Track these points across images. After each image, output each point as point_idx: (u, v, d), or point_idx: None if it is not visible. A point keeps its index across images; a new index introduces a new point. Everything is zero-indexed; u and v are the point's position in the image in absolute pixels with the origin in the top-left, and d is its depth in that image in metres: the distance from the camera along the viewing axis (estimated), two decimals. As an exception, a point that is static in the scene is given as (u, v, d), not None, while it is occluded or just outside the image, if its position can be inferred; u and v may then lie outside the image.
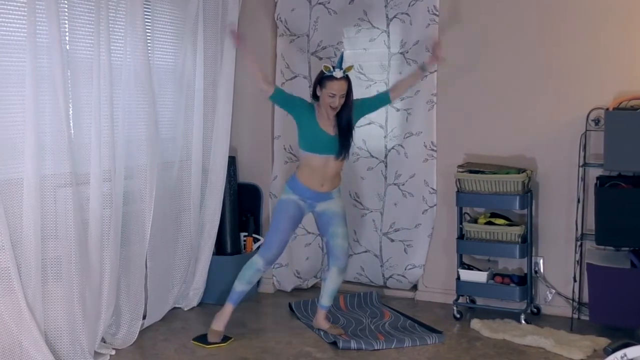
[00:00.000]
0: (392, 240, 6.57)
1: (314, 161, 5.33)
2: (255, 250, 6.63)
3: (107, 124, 5.07)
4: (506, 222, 5.92)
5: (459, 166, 6.00)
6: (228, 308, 5.51)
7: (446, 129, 6.29)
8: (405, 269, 6.54)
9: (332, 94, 5.20)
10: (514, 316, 5.85)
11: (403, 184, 6.48)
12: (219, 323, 5.49)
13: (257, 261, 5.45)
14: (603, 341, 5.32)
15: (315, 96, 5.35)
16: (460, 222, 6.07)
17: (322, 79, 5.26)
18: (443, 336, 5.53)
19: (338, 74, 5.22)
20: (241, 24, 6.50)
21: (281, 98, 5.38)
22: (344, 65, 5.29)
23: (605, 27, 5.73)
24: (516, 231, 5.81)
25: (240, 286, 5.49)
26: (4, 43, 4.41)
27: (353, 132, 5.40)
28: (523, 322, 5.76)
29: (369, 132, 6.53)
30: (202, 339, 5.46)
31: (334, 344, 5.39)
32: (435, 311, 6.20)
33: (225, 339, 5.47)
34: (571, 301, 5.85)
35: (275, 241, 5.42)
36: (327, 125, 5.31)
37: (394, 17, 6.41)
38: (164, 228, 5.79)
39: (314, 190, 5.36)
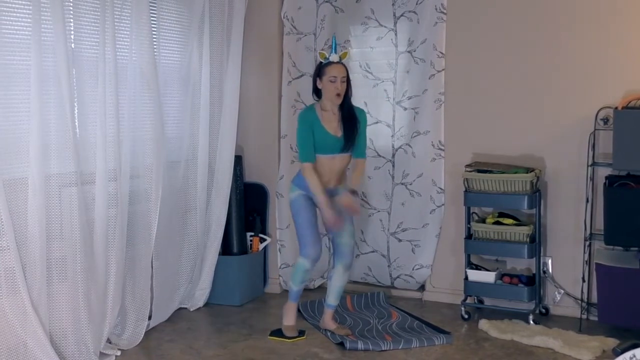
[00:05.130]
0: (400, 240, 6.55)
1: (320, 160, 5.33)
2: (263, 250, 6.63)
3: (113, 123, 5.06)
4: (514, 221, 5.88)
5: (467, 165, 5.97)
6: (292, 305, 5.63)
7: (454, 128, 6.26)
8: (413, 269, 6.52)
9: (333, 77, 5.22)
10: (522, 317, 5.82)
11: (410, 184, 6.45)
12: (289, 318, 5.62)
13: (302, 263, 5.45)
14: (612, 342, 5.29)
15: (316, 92, 5.33)
16: (468, 222, 6.04)
17: (320, 69, 5.29)
18: (451, 337, 5.50)
19: (334, 57, 5.29)
20: (247, 22, 6.49)
21: (313, 150, 5.32)
22: (339, 51, 5.33)
23: (613, 25, 5.70)
24: (524, 231, 5.78)
25: (296, 287, 5.58)
26: (9, 42, 4.40)
27: (358, 126, 5.38)
28: (531, 322, 5.73)
29: (376, 131, 6.50)
30: (279, 333, 5.58)
31: (341, 344, 5.36)
32: (443, 311, 6.17)
33: (301, 332, 5.59)
34: (580, 301, 5.81)
35: (309, 236, 5.41)
36: (332, 124, 5.31)
37: (402, 15, 6.39)
38: (170, 228, 5.77)
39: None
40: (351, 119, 5.34)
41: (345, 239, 5.49)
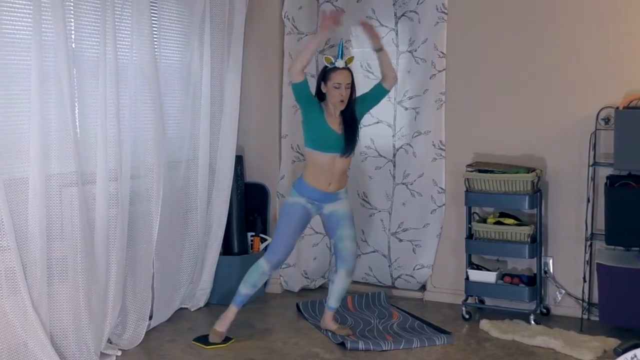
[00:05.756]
0: (401, 240, 6.54)
1: (319, 159, 5.29)
2: (264, 250, 6.62)
3: (113, 123, 5.05)
4: (515, 221, 5.88)
5: (468, 165, 5.97)
6: (232, 310, 5.48)
7: (455, 128, 6.25)
8: (414, 269, 6.51)
9: (338, 84, 5.19)
10: (523, 317, 5.81)
11: (411, 184, 6.45)
12: (222, 324, 5.46)
13: (262, 264, 5.42)
14: (613, 342, 5.29)
15: (319, 95, 5.32)
16: (469, 222, 6.03)
17: (325, 73, 5.26)
18: (452, 337, 5.50)
19: (340, 63, 5.24)
20: (248, 21, 6.48)
21: (304, 89, 5.24)
22: (345, 56, 5.30)
23: (615, 25, 5.69)
24: (525, 231, 5.78)
25: (245, 289, 5.46)
26: (10, 41, 4.38)
27: (359, 127, 5.38)
28: (532, 322, 5.73)
29: (377, 131, 6.50)
30: (203, 339, 5.44)
31: (342, 344, 5.36)
32: (443, 312, 6.17)
33: (226, 340, 5.45)
34: (581, 301, 5.81)
35: (282, 245, 5.39)
36: (334, 123, 5.28)
37: (402, 15, 6.39)
38: (171, 228, 5.76)
39: (321, 190, 5.32)
40: (353, 123, 5.32)
41: (347, 244, 5.48)
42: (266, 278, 5.52)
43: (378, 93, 5.49)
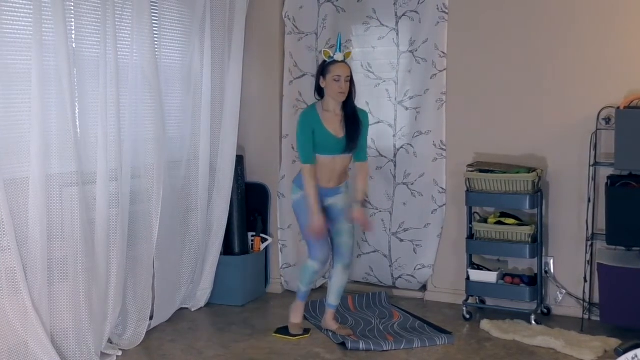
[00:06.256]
0: (401, 240, 6.54)
1: (320, 161, 5.31)
2: (264, 250, 6.62)
3: (114, 123, 5.05)
4: (516, 221, 5.88)
5: (469, 165, 5.97)
6: (300, 304, 5.66)
7: (456, 128, 6.25)
8: (415, 269, 6.51)
9: (338, 76, 5.20)
10: (524, 317, 5.81)
11: (412, 184, 6.45)
12: (296, 315, 5.64)
13: (311, 265, 5.47)
14: (614, 342, 5.29)
15: (319, 92, 5.32)
16: (470, 222, 6.03)
17: (324, 68, 5.26)
18: (452, 337, 5.50)
19: (339, 56, 5.27)
20: (249, 22, 6.48)
21: (312, 152, 5.29)
22: (343, 50, 5.32)
23: (615, 25, 5.69)
24: (526, 231, 5.77)
25: (304, 287, 5.61)
26: (10, 42, 4.38)
27: (361, 127, 5.37)
28: (533, 322, 5.72)
29: (378, 131, 6.50)
30: (285, 331, 5.59)
31: (343, 344, 5.35)
32: (444, 312, 6.17)
33: (306, 331, 5.60)
34: (582, 302, 5.80)
35: (316, 239, 5.39)
36: (335, 125, 5.28)
37: (403, 15, 6.38)
38: (171, 228, 5.76)
39: (322, 186, 5.33)
40: (354, 120, 5.32)
41: (344, 239, 5.48)
42: (320, 273, 5.67)
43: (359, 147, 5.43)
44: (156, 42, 5.48)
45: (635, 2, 5.62)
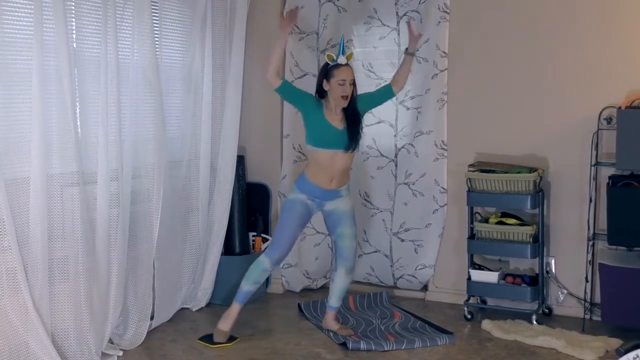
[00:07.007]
0: (403, 240, 6.53)
1: (321, 156, 5.27)
2: (264, 250, 6.61)
3: (115, 123, 5.05)
4: (517, 221, 5.87)
5: (470, 165, 5.96)
6: (235, 308, 5.48)
7: (457, 128, 6.24)
8: (416, 269, 6.50)
9: (342, 80, 5.18)
10: (526, 317, 5.80)
11: (413, 183, 6.44)
12: (226, 323, 5.46)
13: (263, 261, 5.42)
14: (615, 342, 5.28)
15: (320, 93, 5.31)
16: (471, 222, 6.03)
17: (328, 71, 5.24)
18: (454, 337, 5.49)
19: (342, 60, 5.25)
20: (250, 21, 6.48)
21: (289, 91, 5.30)
22: (346, 52, 5.31)
23: (617, 25, 5.68)
24: (527, 231, 5.76)
25: (247, 286, 5.46)
26: (11, 41, 4.38)
27: (362, 122, 5.37)
28: (534, 322, 5.72)
29: (379, 130, 6.49)
30: (208, 338, 5.45)
31: (344, 344, 5.35)
32: (445, 312, 6.16)
33: (231, 339, 5.44)
34: (583, 302, 5.80)
35: (283, 241, 5.38)
36: (335, 120, 5.26)
37: (404, 14, 6.37)
38: (172, 228, 5.76)
39: (323, 187, 5.31)
40: (355, 118, 5.31)
41: (347, 242, 5.47)
42: (267, 274, 5.52)
43: (385, 94, 5.52)
44: (157, 42, 5.47)
45: (635, 2, 5.62)
